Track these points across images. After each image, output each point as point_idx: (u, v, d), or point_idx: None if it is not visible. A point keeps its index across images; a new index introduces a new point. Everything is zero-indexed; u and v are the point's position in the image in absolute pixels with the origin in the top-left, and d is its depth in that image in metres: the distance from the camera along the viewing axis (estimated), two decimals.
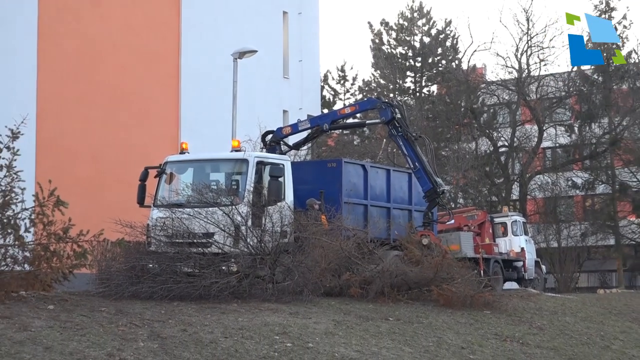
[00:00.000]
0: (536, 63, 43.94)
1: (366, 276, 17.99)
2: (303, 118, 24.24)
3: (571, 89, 45.04)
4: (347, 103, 48.09)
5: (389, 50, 49.46)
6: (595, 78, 45.13)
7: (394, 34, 49.42)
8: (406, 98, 47.19)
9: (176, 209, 17.33)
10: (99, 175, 28.10)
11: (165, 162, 19.15)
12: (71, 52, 28.04)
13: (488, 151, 45.43)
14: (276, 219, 17.06)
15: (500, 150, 45.07)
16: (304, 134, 22.78)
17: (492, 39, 72.28)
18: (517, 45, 43.87)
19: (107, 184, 27.90)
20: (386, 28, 49.56)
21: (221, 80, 30.60)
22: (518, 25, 44.74)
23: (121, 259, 16.46)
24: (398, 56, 49.14)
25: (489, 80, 47.10)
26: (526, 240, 30.24)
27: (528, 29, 43.37)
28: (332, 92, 52.86)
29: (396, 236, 21.14)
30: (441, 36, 48.78)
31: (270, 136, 22.13)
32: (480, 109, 45.42)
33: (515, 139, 44.20)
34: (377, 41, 49.53)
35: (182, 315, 14.01)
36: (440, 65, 48.76)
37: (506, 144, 44.87)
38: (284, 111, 35.33)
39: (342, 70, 53.20)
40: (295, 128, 22.48)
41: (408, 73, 49.19)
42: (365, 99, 30.24)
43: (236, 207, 17.04)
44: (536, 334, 17.31)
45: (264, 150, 21.73)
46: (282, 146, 22.06)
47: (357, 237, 18.77)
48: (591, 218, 46.57)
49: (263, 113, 30.67)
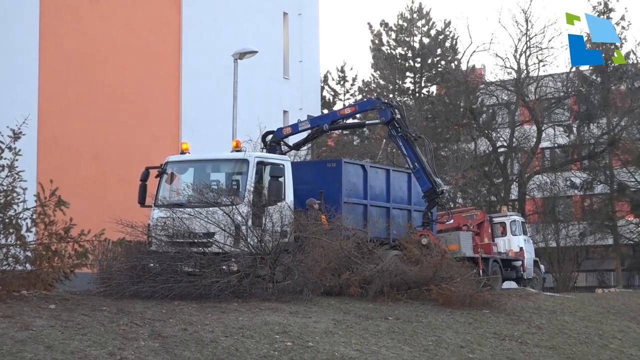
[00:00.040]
0: (535, 64, 44.03)
1: (366, 275, 18.03)
2: (303, 118, 24.30)
3: (570, 90, 45.04)
4: (347, 103, 48.16)
5: (389, 50, 49.50)
6: (593, 79, 45.11)
7: (394, 35, 49.46)
8: (405, 98, 47.22)
9: (177, 209, 17.37)
10: (100, 175, 28.12)
11: (166, 162, 19.20)
12: (72, 52, 28.06)
13: (487, 151, 45.47)
14: (276, 219, 17.10)
15: (499, 150, 45.08)
16: (304, 134, 22.83)
17: (491, 40, 72.76)
18: (516, 45, 43.99)
19: (108, 184, 27.94)
20: (386, 29, 49.61)
21: (221, 80, 30.64)
22: (517, 26, 45.01)
23: (122, 259, 16.47)
24: (397, 57, 49.16)
25: (488, 80, 47.10)
26: (525, 239, 30.33)
27: (527, 30, 43.47)
28: (332, 93, 52.90)
29: (395, 236, 21.17)
30: (440, 37, 48.83)
31: (270, 136, 22.19)
32: (479, 110, 45.42)
33: (514, 139, 44.20)
34: (377, 42, 49.57)
35: (183, 314, 14.05)
36: (439, 65, 48.80)
37: (505, 144, 44.87)
38: (284, 111, 35.33)
39: (342, 70, 53.27)
40: (295, 128, 22.54)
41: (407, 74, 49.22)
42: (365, 100, 30.36)
43: (237, 207, 17.09)
44: (535, 333, 17.35)
45: (264, 150, 21.78)
46: (283, 146, 22.11)
47: (357, 237, 18.79)
48: (589, 218, 46.56)
49: (263, 113, 30.74)
